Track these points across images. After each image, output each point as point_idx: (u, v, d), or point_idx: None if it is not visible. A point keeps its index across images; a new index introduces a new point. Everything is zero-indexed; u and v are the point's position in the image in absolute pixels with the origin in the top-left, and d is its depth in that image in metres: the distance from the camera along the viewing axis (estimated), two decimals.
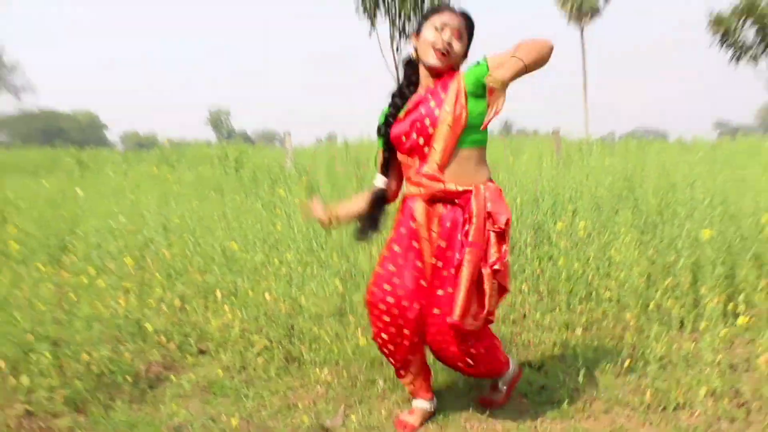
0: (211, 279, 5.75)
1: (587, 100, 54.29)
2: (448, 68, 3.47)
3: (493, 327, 4.05)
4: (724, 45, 22.24)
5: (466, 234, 3.35)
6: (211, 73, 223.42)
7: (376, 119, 3.73)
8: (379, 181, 3.79)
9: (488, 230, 3.34)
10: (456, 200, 3.44)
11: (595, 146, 14.65)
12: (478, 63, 3.35)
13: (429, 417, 3.82)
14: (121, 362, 4.41)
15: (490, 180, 3.50)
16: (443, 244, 3.46)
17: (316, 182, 9.94)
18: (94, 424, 3.80)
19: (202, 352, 4.84)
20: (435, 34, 3.44)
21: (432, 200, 3.51)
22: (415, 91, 3.58)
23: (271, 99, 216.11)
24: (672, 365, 4.28)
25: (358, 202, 3.85)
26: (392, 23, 14.16)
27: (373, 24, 14.34)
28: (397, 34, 14.18)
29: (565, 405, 3.86)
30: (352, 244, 6.55)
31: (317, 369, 4.45)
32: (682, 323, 4.93)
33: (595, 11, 55.18)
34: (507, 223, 3.33)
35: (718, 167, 10.64)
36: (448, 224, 3.46)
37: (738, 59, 22.34)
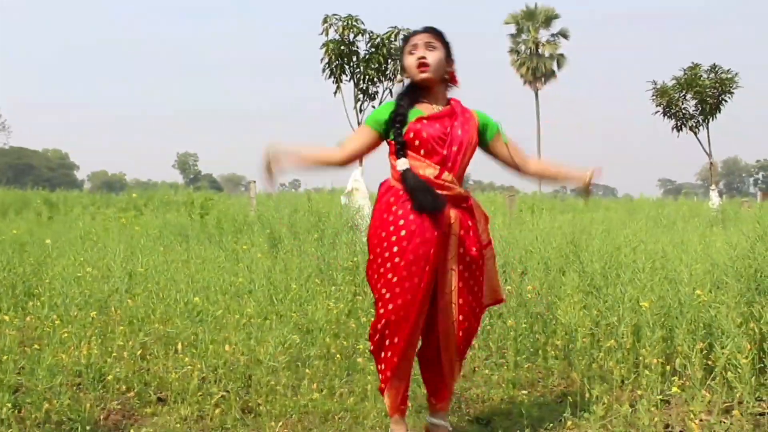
0: (172, 329, 5.72)
1: (541, 158, 55.03)
2: (439, 79, 3.91)
3: None
4: (667, 115, 22.75)
5: (478, 234, 3.94)
6: (179, 116, 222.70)
7: (337, 174, 3.96)
8: (405, 163, 3.83)
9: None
10: (464, 204, 3.90)
11: (546, 205, 14.76)
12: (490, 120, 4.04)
13: None
14: (81, 410, 4.37)
15: None
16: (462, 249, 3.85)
17: (278, 233, 9.95)
18: None
19: (161, 400, 4.80)
20: (409, 57, 3.87)
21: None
22: (411, 104, 3.92)
23: (236, 144, 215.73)
24: (612, 426, 4.33)
25: (322, 151, 4.08)
26: (356, 85, 14.33)
27: (338, 86, 14.50)
28: (360, 95, 14.34)
29: None
30: (309, 298, 6.58)
31: (272, 421, 4.43)
32: (622, 383, 4.99)
33: (549, 76, 56.04)
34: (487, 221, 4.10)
35: (660, 230, 10.87)
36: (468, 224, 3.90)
37: (680, 129, 22.86)
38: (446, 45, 3.93)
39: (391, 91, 14.98)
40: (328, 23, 14.06)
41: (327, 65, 14.41)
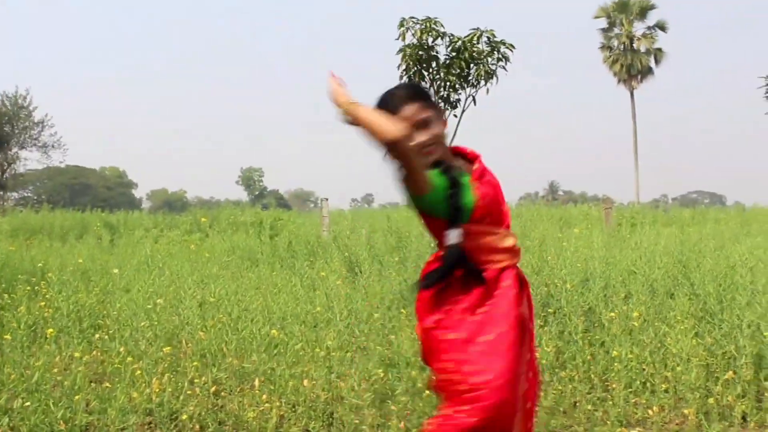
0: (248, 363, 5.82)
1: (638, 164, 54.09)
2: (441, 146, 3.48)
3: (541, 418, 4.11)
4: None
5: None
6: (242, 130, 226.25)
7: None
8: (456, 236, 3.46)
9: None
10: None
11: (647, 218, 14.55)
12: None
13: None
14: None
15: None
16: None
17: (355, 257, 10.03)
18: None
19: None
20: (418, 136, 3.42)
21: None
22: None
23: (304, 158, 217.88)
24: None
25: None
26: (436, 92, 14.34)
27: None
28: (441, 104, 14.34)
29: None
30: (393, 328, 6.61)
31: None
32: (744, 419, 4.90)
33: (646, 72, 55.18)
34: None
35: None
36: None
37: None
38: (433, 106, 3.55)
39: (474, 98, 14.95)
40: (405, 27, 14.10)
41: (404, 72, 14.46)
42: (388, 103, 3.46)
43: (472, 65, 14.11)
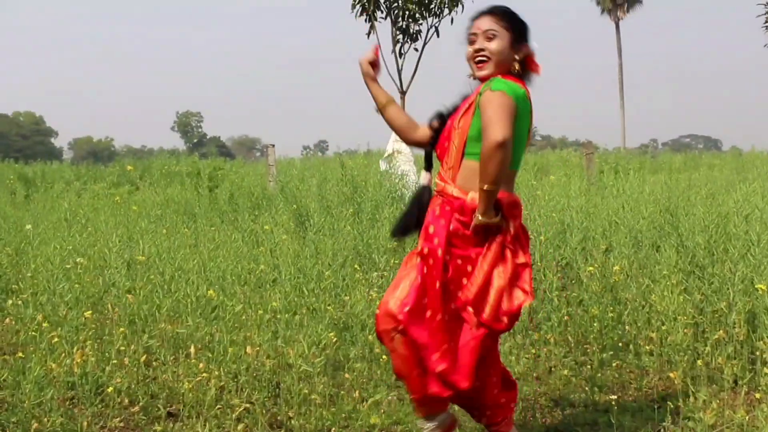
0: (182, 329, 5.80)
1: (624, 106, 54.37)
2: (503, 70, 3.91)
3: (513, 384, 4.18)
4: None
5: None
6: (177, 69, 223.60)
7: (371, 131, 4.02)
8: (424, 178, 4.19)
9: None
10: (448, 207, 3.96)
11: (633, 164, 14.64)
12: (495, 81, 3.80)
13: None
14: (76, 429, 4.46)
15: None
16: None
17: (304, 209, 10.02)
18: None
19: (171, 415, 4.88)
20: (467, 48, 3.98)
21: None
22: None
23: (248, 100, 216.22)
24: None
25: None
26: (393, 23, 14.27)
27: (372, 25, 14.46)
28: (400, 36, 14.27)
29: None
30: (346, 287, 6.62)
31: None
32: (735, 383, 4.97)
33: (633, 1, 55.22)
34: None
35: None
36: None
37: None
38: (514, 28, 3.97)
39: (437, 29, 14.88)
40: None
41: (357, 1, 14.37)
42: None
43: None
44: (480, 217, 3.73)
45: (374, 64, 4.26)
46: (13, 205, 14.17)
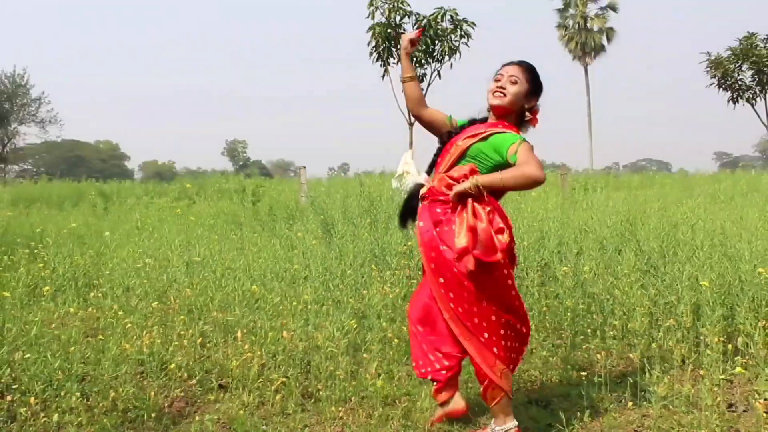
0: (231, 317, 5.82)
1: (592, 135, 54.16)
2: (511, 108, 4.03)
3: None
4: (722, 87, 22.35)
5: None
6: (228, 104, 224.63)
7: (386, 157, 4.03)
8: (423, 178, 4.22)
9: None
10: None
11: (600, 183, 14.62)
12: (513, 140, 3.87)
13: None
14: (145, 399, 4.48)
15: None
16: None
17: (330, 219, 10.02)
18: None
19: (222, 387, 4.89)
20: (492, 83, 4.05)
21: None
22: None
23: (285, 131, 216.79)
24: (673, 406, 4.32)
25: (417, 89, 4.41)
26: None
27: (386, 70, 14.52)
28: None
29: None
30: (365, 283, 6.63)
31: (333, 406, 4.50)
32: (683, 362, 4.96)
33: (599, 50, 55.09)
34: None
35: (718, 206, 10.69)
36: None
37: (736, 101, 22.41)
38: (533, 82, 4.07)
39: (439, 72, 14.91)
40: (374, 6, 14.05)
41: (374, 49, 14.41)
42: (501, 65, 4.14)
43: (436, 42, 14.09)
44: (467, 184, 3.77)
45: (413, 42, 4.32)
46: (95, 216, 14.19)
